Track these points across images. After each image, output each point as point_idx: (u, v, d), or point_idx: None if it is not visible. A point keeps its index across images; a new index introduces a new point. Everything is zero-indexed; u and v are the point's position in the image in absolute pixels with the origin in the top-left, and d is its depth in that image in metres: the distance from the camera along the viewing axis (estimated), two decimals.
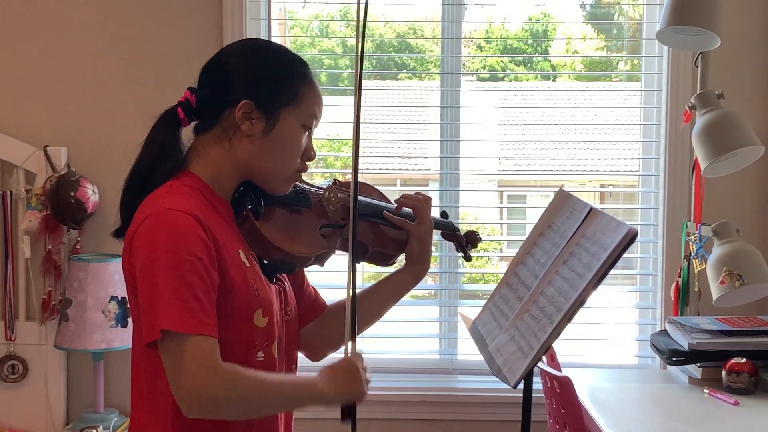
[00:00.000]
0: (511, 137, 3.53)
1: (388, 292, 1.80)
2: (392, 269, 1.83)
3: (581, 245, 1.64)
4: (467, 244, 1.94)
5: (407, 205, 1.77)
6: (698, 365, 2.41)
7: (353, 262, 1.59)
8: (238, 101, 1.54)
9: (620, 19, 3.43)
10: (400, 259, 1.84)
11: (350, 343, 1.58)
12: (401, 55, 3.45)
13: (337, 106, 3.22)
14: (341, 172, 3.38)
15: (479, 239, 1.95)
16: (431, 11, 3.26)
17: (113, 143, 2.92)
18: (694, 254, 2.67)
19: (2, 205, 2.91)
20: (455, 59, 3.10)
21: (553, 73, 3.52)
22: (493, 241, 3.70)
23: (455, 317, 3.14)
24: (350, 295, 1.59)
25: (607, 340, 3.18)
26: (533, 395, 1.68)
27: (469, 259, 1.97)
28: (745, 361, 2.31)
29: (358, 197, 1.60)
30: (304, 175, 1.69)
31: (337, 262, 1.80)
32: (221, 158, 1.56)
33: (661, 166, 3.02)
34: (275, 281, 1.64)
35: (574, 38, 3.52)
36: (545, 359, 2.43)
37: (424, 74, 3.57)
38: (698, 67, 2.68)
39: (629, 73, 3.38)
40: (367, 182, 1.91)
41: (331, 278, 3.12)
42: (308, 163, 1.65)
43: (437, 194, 3.16)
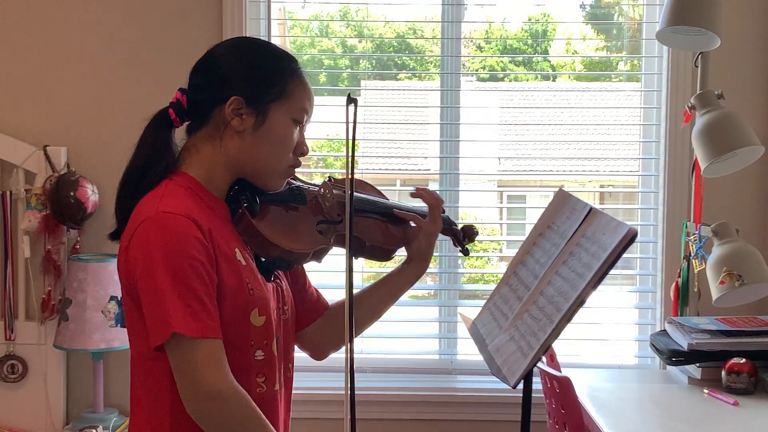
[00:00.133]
0: (510, 137, 3.53)
1: (388, 290, 1.81)
2: (389, 267, 1.84)
3: (581, 245, 1.63)
4: (464, 238, 1.94)
5: (425, 199, 1.79)
6: (698, 365, 2.41)
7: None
8: (227, 98, 1.54)
9: (620, 19, 3.43)
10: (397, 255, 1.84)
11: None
12: (401, 55, 3.45)
13: (336, 106, 3.22)
14: (341, 172, 3.38)
15: (476, 233, 1.95)
16: (431, 11, 3.26)
17: (113, 143, 2.92)
18: (693, 254, 2.67)
19: (2, 204, 2.90)
20: (455, 59, 3.10)
21: (552, 73, 3.52)
22: (492, 241, 3.71)
23: (455, 317, 3.13)
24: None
25: (606, 340, 3.18)
26: (533, 395, 1.68)
27: (466, 253, 1.97)
28: (744, 361, 2.31)
29: (354, 193, 1.60)
30: (303, 175, 1.70)
31: (336, 262, 1.80)
32: (213, 156, 1.56)
33: (660, 166, 3.02)
34: (273, 279, 1.63)
35: (573, 38, 3.52)
36: (545, 359, 2.43)
37: (424, 74, 3.57)
38: (698, 67, 2.68)
39: (629, 73, 3.38)
40: (363, 179, 1.91)
41: (330, 278, 3.12)
42: (302, 158, 1.65)
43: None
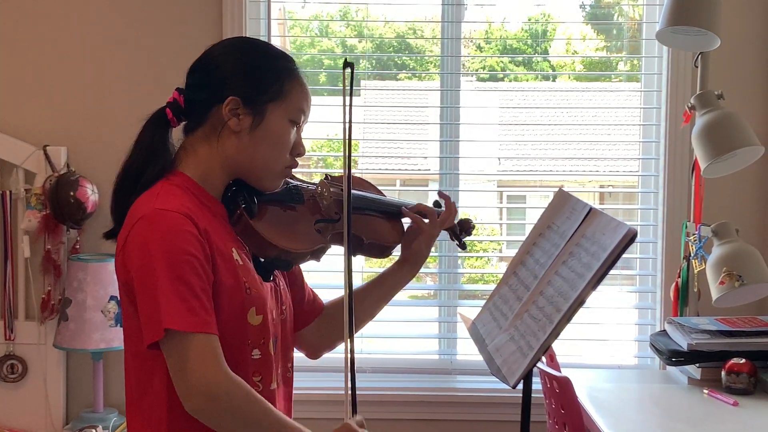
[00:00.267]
0: (510, 137, 3.53)
1: (383, 290, 1.83)
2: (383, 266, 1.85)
3: (581, 245, 1.63)
4: (461, 231, 1.94)
5: (447, 204, 1.86)
6: (698, 366, 2.41)
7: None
8: (224, 98, 1.54)
9: (620, 19, 3.43)
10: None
11: (350, 409, 1.55)
12: (401, 55, 3.45)
13: (336, 106, 3.21)
14: (341, 172, 3.37)
15: (473, 226, 1.96)
16: (431, 11, 3.26)
17: (113, 143, 2.91)
18: (693, 254, 2.67)
19: (2, 204, 2.90)
20: (455, 59, 3.10)
21: (552, 73, 3.52)
22: (492, 241, 3.71)
23: (455, 317, 3.13)
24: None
25: (606, 340, 3.18)
26: (532, 395, 1.68)
27: (463, 246, 1.98)
28: (744, 361, 2.31)
29: (352, 191, 1.61)
30: (299, 175, 1.70)
31: (334, 262, 1.80)
32: (210, 156, 1.56)
33: (660, 166, 3.02)
34: (271, 279, 1.63)
35: (573, 38, 3.52)
36: (545, 359, 2.43)
37: (423, 74, 3.57)
38: (698, 67, 2.68)
39: (629, 73, 3.38)
40: (360, 176, 1.92)
41: (329, 278, 3.11)
42: (299, 159, 1.65)
43: (437, 194, 3.14)
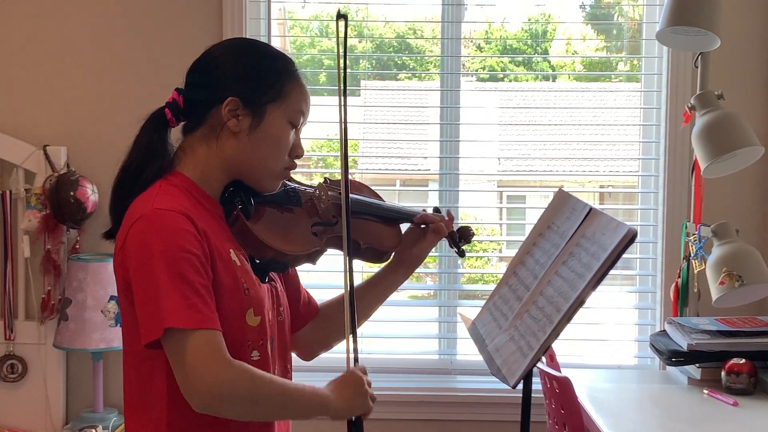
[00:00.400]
0: (510, 137, 3.53)
1: (379, 291, 1.84)
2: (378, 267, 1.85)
3: (581, 245, 1.64)
4: (460, 239, 1.94)
5: (428, 220, 1.85)
6: (697, 366, 2.41)
7: (349, 259, 1.59)
8: (223, 99, 1.53)
9: (620, 19, 3.43)
10: None
11: (352, 358, 1.57)
12: (401, 55, 3.45)
13: (336, 106, 3.21)
14: (341, 172, 3.37)
15: (472, 234, 1.96)
16: (431, 11, 3.26)
17: (113, 143, 2.87)
18: (693, 255, 2.67)
19: (2, 204, 2.90)
20: (455, 59, 3.10)
21: (552, 73, 3.52)
22: (492, 241, 3.71)
23: (455, 317, 3.13)
24: (347, 291, 1.58)
25: (606, 340, 3.18)
26: (532, 395, 1.68)
27: (462, 254, 1.98)
28: (744, 361, 2.31)
29: (349, 195, 1.60)
30: (300, 175, 1.69)
31: (333, 262, 1.80)
32: (209, 157, 1.55)
33: (660, 166, 3.02)
34: (267, 281, 1.63)
35: (573, 39, 3.52)
36: (544, 359, 2.43)
37: (423, 74, 3.57)
38: (698, 67, 2.68)
39: (629, 73, 3.38)
40: (359, 180, 1.92)
41: (326, 278, 3.11)
42: (298, 160, 1.65)
43: (437, 194, 3.16)
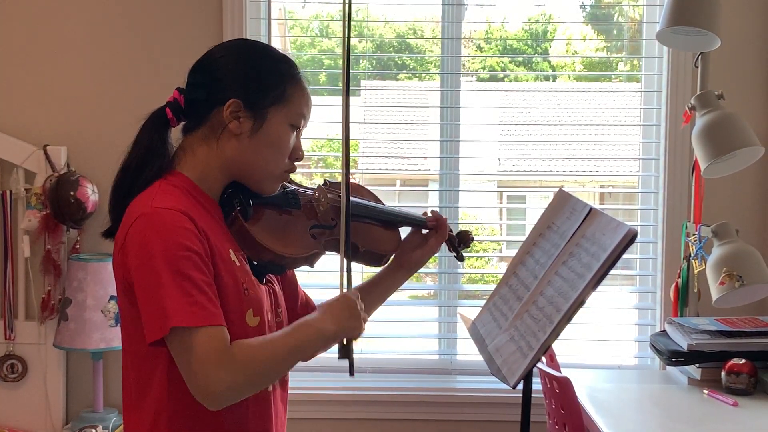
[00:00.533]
0: (510, 138, 3.53)
1: (378, 293, 1.86)
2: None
3: (581, 246, 1.63)
4: (459, 244, 1.94)
5: (440, 223, 1.87)
6: (697, 366, 2.41)
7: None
8: (225, 100, 1.53)
9: (620, 19, 3.43)
10: None
11: (345, 279, 1.58)
12: (401, 55, 3.45)
13: (337, 106, 3.21)
14: (341, 172, 3.37)
15: (471, 239, 1.96)
16: (431, 11, 3.26)
17: (113, 143, 2.87)
18: (693, 255, 2.67)
19: (2, 204, 2.90)
20: (455, 59, 3.10)
21: (553, 73, 3.52)
22: (492, 241, 3.71)
23: (455, 317, 3.13)
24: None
25: (606, 340, 3.18)
26: (532, 395, 1.68)
27: (461, 259, 1.98)
28: (744, 361, 2.31)
29: (349, 198, 1.60)
30: (300, 176, 1.69)
31: (331, 262, 1.80)
32: (209, 158, 1.55)
33: (660, 166, 3.02)
34: (265, 282, 1.63)
35: (574, 39, 3.52)
36: (545, 360, 2.43)
37: (424, 74, 3.57)
38: (698, 67, 2.68)
39: (629, 73, 3.38)
40: (359, 183, 1.91)
41: (326, 279, 3.10)
42: (297, 163, 1.65)
43: (437, 195, 3.15)
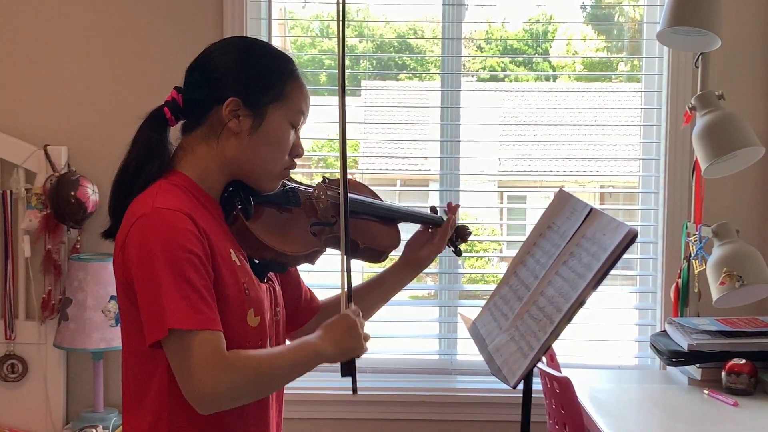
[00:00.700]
0: (511, 138, 3.53)
1: (382, 291, 1.86)
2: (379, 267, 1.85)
3: (581, 246, 1.63)
4: (457, 238, 1.94)
5: (451, 217, 1.88)
6: (698, 366, 2.41)
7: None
8: (224, 99, 1.53)
9: (620, 19, 3.43)
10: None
11: (345, 300, 1.59)
12: (401, 55, 3.45)
13: (337, 106, 3.21)
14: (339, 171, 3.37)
15: (469, 233, 1.96)
16: (431, 12, 3.25)
17: (113, 143, 2.84)
18: (694, 255, 2.67)
19: (2, 204, 2.91)
20: (455, 59, 3.10)
21: (553, 73, 3.52)
22: (493, 241, 3.71)
23: (455, 317, 3.13)
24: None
25: (606, 340, 3.18)
26: (533, 396, 1.68)
27: (459, 253, 1.99)
28: (744, 362, 2.31)
29: (348, 194, 1.60)
30: (300, 175, 1.69)
31: (332, 261, 1.80)
32: (209, 157, 1.55)
33: (661, 167, 3.02)
34: (266, 281, 1.63)
35: (574, 39, 3.52)
36: (545, 360, 2.43)
37: (424, 74, 3.57)
38: (698, 68, 2.68)
39: (629, 73, 3.38)
40: (358, 180, 1.92)
41: (326, 278, 3.10)
42: (297, 161, 1.65)
43: (437, 195, 3.15)
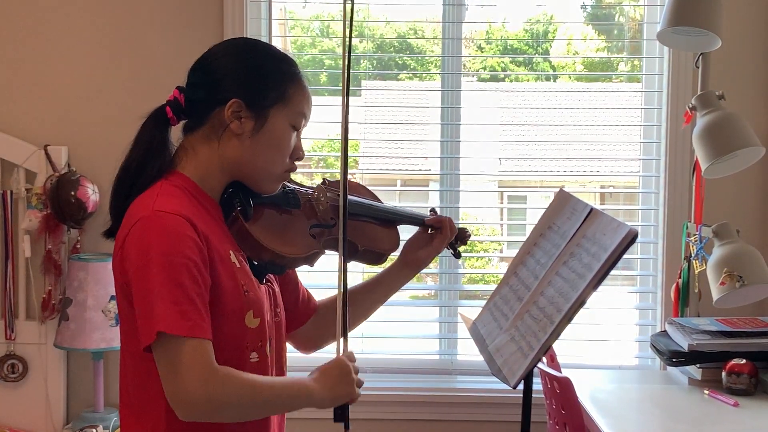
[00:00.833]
0: (511, 138, 3.53)
1: (381, 291, 1.85)
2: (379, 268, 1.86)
3: (581, 246, 1.63)
4: (456, 241, 1.94)
5: (444, 226, 1.86)
6: (698, 366, 2.41)
7: (344, 261, 1.59)
8: (227, 100, 1.53)
9: (621, 19, 3.43)
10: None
11: (341, 342, 1.58)
12: (402, 55, 3.45)
13: (337, 106, 3.21)
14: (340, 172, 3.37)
15: (468, 236, 1.96)
16: (432, 12, 3.25)
17: (113, 143, 2.85)
18: (694, 255, 2.67)
19: (2, 204, 2.91)
20: (456, 59, 3.10)
21: (553, 73, 3.52)
22: (493, 241, 3.70)
23: (455, 318, 3.13)
24: (341, 292, 1.59)
25: (607, 340, 3.18)
26: (533, 396, 1.68)
27: (458, 256, 1.99)
28: (745, 362, 2.31)
29: (348, 196, 1.60)
30: (300, 176, 1.69)
31: (330, 262, 1.80)
32: (210, 157, 1.55)
33: (661, 167, 3.02)
34: (264, 282, 1.63)
35: (574, 39, 3.52)
36: (545, 360, 2.43)
37: (424, 74, 3.57)
38: (699, 68, 2.68)
39: (630, 73, 3.38)
40: (358, 180, 1.92)
41: (324, 279, 3.10)
42: (297, 162, 1.65)
43: (437, 195, 3.15)
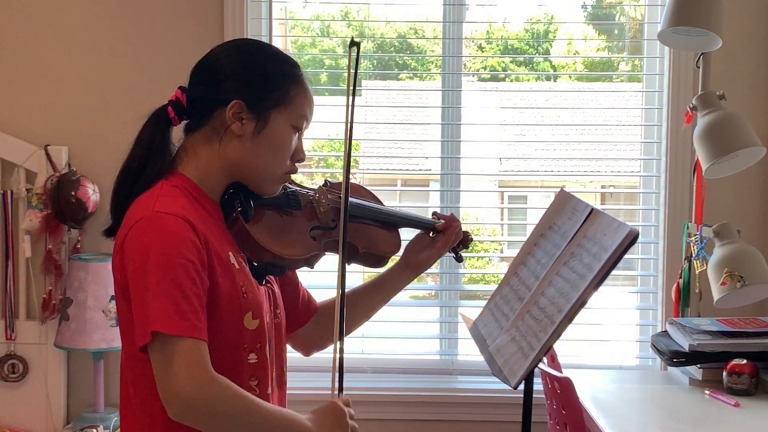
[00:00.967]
0: (511, 138, 3.52)
1: (383, 292, 1.86)
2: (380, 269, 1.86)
3: (582, 246, 1.63)
4: (458, 245, 1.94)
5: (451, 226, 1.86)
6: (699, 366, 2.41)
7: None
8: (228, 101, 1.53)
9: (621, 19, 3.43)
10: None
11: (337, 390, 1.57)
12: (402, 55, 3.45)
13: (337, 106, 3.22)
14: (342, 172, 3.37)
15: (470, 240, 1.96)
16: (432, 11, 3.25)
17: (114, 142, 2.89)
18: (695, 255, 2.67)
19: (3, 204, 2.91)
20: (456, 59, 3.10)
21: (554, 73, 3.52)
22: (493, 241, 3.70)
23: (456, 318, 3.13)
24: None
25: (607, 341, 3.18)
26: (534, 396, 1.68)
27: (460, 260, 1.99)
28: (745, 362, 2.31)
29: (349, 199, 1.60)
30: (301, 176, 1.69)
31: (330, 262, 1.80)
32: (211, 158, 1.55)
33: (662, 167, 3.02)
34: (264, 283, 1.63)
35: (575, 39, 3.52)
36: (546, 360, 2.42)
37: (425, 74, 3.57)
38: (699, 68, 2.68)
39: (630, 73, 3.38)
40: (359, 183, 1.91)
41: (324, 279, 3.10)
42: (298, 164, 1.65)
43: (438, 195, 3.15)
